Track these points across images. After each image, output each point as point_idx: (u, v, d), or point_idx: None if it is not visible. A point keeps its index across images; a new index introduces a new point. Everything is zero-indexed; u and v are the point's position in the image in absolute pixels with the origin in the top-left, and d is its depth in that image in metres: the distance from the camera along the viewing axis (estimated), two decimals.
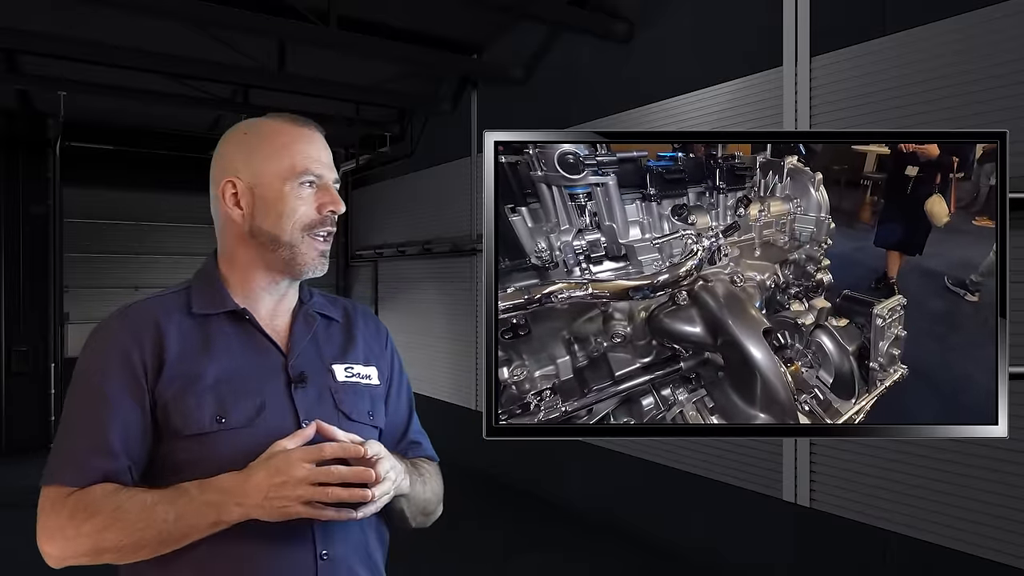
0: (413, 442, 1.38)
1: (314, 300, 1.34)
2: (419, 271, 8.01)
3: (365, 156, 8.76)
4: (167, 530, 1.08)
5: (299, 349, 1.25)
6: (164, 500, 1.09)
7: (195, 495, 1.08)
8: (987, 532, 3.22)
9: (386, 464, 1.12)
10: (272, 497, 1.05)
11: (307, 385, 1.22)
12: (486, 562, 4.75)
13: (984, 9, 3.23)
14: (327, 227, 1.25)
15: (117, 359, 1.18)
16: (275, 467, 1.06)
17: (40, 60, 6.09)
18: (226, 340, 1.22)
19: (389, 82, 7.03)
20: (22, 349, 7.81)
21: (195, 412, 1.15)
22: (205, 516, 1.08)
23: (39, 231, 7.88)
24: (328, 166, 1.26)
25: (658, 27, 4.95)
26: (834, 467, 3.84)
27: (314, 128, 1.28)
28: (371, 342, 1.36)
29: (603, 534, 5.11)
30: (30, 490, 1.21)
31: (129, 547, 1.09)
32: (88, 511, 1.09)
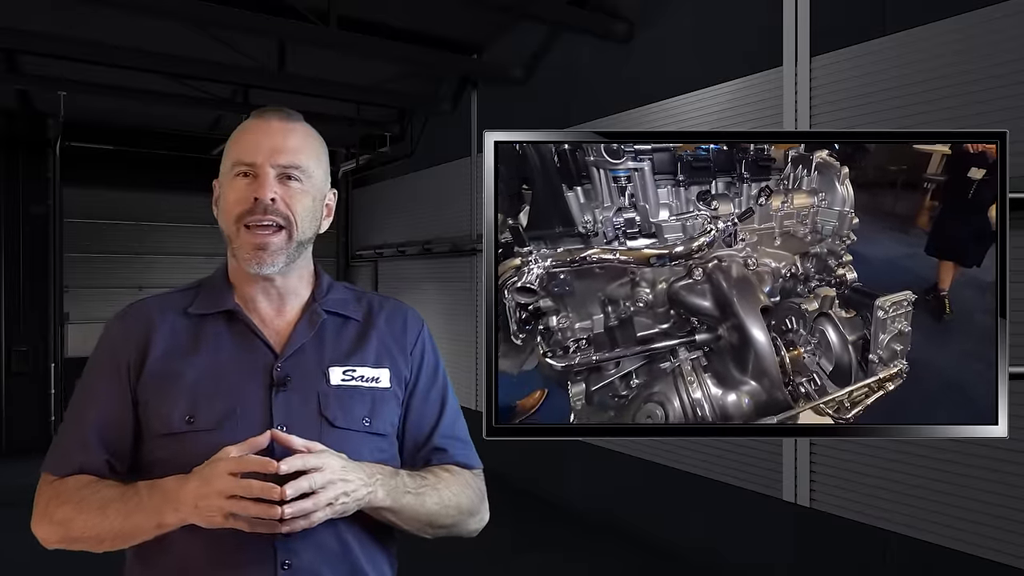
0: (437, 448, 1.28)
1: (328, 298, 1.28)
2: (419, 271, 8.01)
3: (365, 156, 8.76)
4: (118, 527, 1.11)
5: (292, 350, 1.21)
6: (119, 498, 1.11)
7: (143, 496, 1.10)
8: (987, 532, 3.22)
9: (318, 479, 1.04)
10: (200, 506, 1.04)
11: (289, 389, 1.18)
12: (486, 562, 4.74)
13: (984, 9, 3.23)
14: (255, 216, 1.17)
15: (106, 358, 1.22)
16: (204, 476, 1.05)
17: (40, 60, 6.09)
18: (216, 340, 1.21)
19: (389, 82, 7.03)
20: (22, 349, 7.81)
21: (168, 412, 1.16)
22: (149, 518, 1.09)
23: (39, 231, 7.87)
24: (268, 152, 1.17)
25: (658, 27, 4.95)
26: (834, 467, 3.84)
27: (275, 118, 1.21)
28: (389, 342, 1.28)
29: (603, 534, 5.11)
30: (30, 489, 1.22)
31: (92, 539, 1.13)
32: (59, 500, 1.15)
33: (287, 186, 1.19)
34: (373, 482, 1.12)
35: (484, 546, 5.17)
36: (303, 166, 1.20)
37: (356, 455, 1.15)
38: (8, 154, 7.81)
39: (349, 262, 9.59)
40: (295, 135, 1.21)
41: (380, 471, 1.15)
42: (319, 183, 1.23)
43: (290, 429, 1.13)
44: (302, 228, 1.20)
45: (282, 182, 1.19)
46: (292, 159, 1.19)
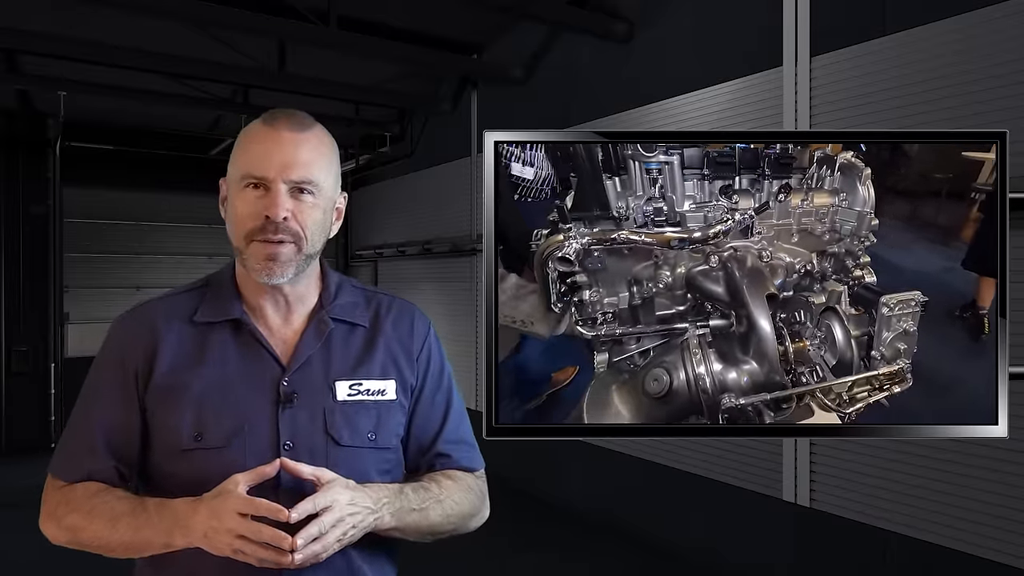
0: (441, 454, 1.29)
1: (336, 303, 1.26)
2: (419, 271, 8.01)
3: (365, 156, 8.76)
4: (128, 540, 1.12)
5: (299, 363, 1.20)
6: (129, 512, 1.13)
7: (152, 514, 1.11)
8: (987, 532, 3.22)
9: (327, 520, 1.06)
10: (210, 537, 1.05)
11: (296, 405, 1.17)
12: (486, 562, 4.74)
13: (984, 9, 3.23)
14: (267, 233, 1.14)
15: (114, 362, 1.21)
16: (212, 510, 1.05)
17: (40, 60, 6.09)
18: (223, 351, 1.19)
19: (389, 82, 7.03)
20: (22, 349, 7.81)
21: (175, 425, 1.16)
22: (158, 536, 1.11)
23: (39, 231, 7.87)
24: (280, 166, 1.14)
25: (658, 27, 4.95)
26: (834, 467, 3.84)
27: (286, 127, 1.17)
28: (396, 349, 1.27)
29: (603, 534, 5.10)
30: (30, 490, 1.23)
31: (101, 548, 1.15)
32: (68, 507, 1.16)
33: (299, 200, 1.17)
34: (380, 507, 1.14)
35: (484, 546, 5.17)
36: (315, 179, 1.17)
37: (361, 470, 1.18)
38: (8, 154, 7.81)
39: (349, 262, 9.59)
40: (307, 146, 1.17)
41: (386, 495, 1.16)
42: (330, 193, 1.21)
43: (296, 446, 1.15)
44: (312, 241, 1.19)
45: (294, 196, 1.16)
46: (304, 174, 1.16)
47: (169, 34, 5.54)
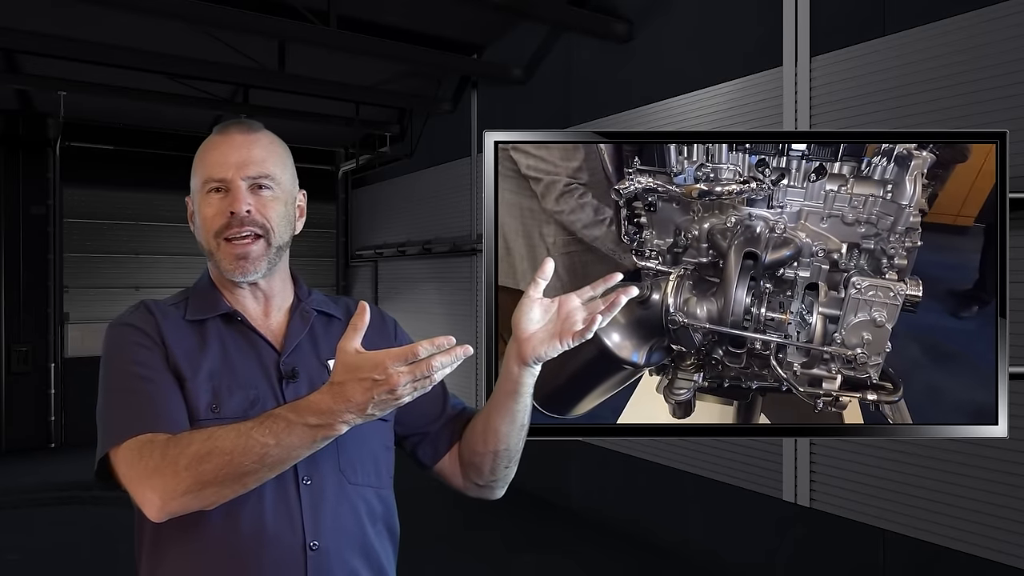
0: (459, 408, 1.40)
1: (312, 298, 1.34)
2: (419, 271, 8.01)
3: (365, 156, 8.76)
4: (268, 453, 1.03)
5: (292, 346, 1.26)
6: (258, 425, 1.04)
7: (293, 419, 1.03)
8: (987, 532, 3.22)
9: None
10: (378, 402, 0.99)
11: (298, 380, 1.22)
12: (486, 562, 4.75)
13: (984, 9, 3.23)
14: (233, 229, 1.22)
15: (146, 343, 1.20)
16: (371, 379, 0.99)
17: (40, 60, 6.10)
18: (220, 340, 1.25)
19: (389, 82, 7.04)
20: (22, 349, 7.82)
21: (192, 402, 1.18)
22: (306, 436, 1.03)
23: (39, 231, 7.88)
24: (236, 166, 1.22)
25: (658, 27, 4.95)
26: (834, 467, 3.84)
27: (237, 131, 1.25)
28: (372, 335, 1.22)
29: (603, 534, 5.11)
30: (29, 490, 1.23)
31: (230, 476, 1.04)
32: (180, 445, 1.06)
33: (259, 195, 1.24)
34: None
35: (484, 546, 5.16)
36: (271, 174, 1.25)
37: (367, 443, 1.23)
38: (8, 154, 7.81)
39: (349, 262, 9.59)
40: (259, 145, 1.25)
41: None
42: (288, 187, 1.28)
43: None
44: (279, 233, 1.26)
45: (254, 192, 1.23)
46: (260, 169, 1.24)
47: (169, 34, 5.54)
